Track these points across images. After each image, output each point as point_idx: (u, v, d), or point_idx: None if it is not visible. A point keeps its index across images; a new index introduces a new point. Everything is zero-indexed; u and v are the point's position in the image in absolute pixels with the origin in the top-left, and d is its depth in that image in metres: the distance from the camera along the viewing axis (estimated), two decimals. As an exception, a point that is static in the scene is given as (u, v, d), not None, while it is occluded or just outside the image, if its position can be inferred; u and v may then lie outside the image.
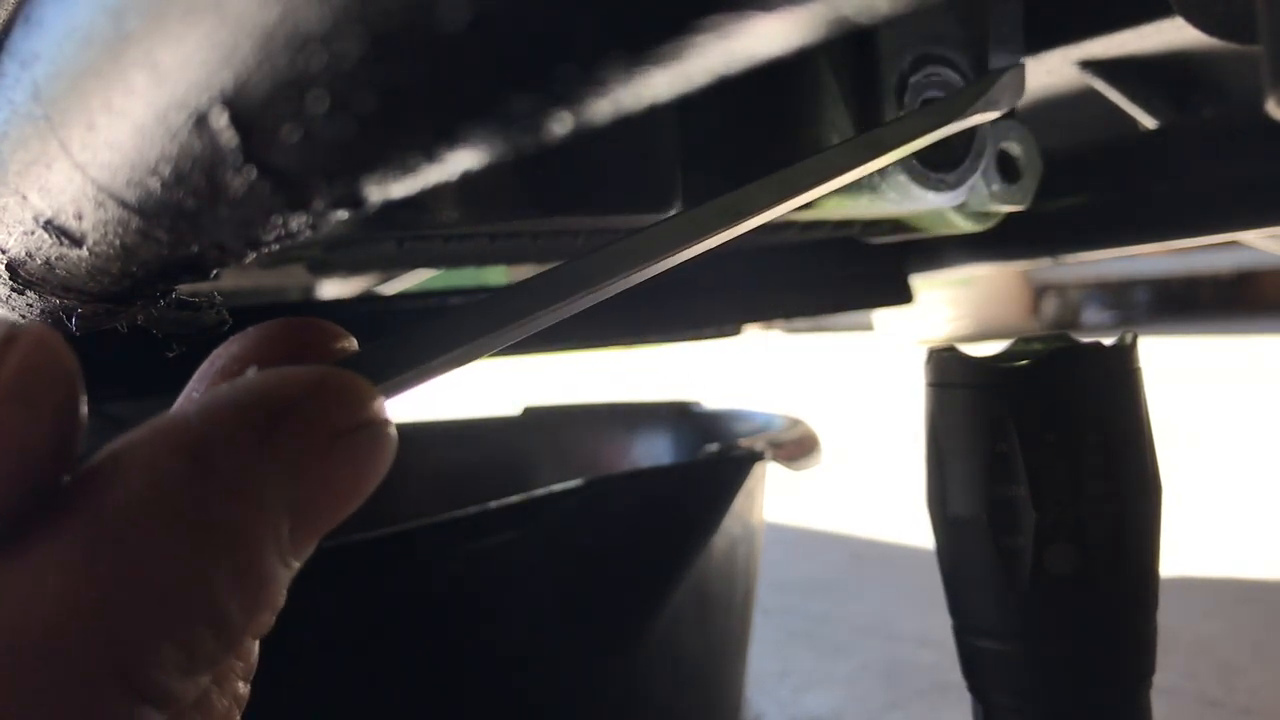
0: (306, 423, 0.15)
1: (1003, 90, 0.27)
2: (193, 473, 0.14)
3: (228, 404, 0.14)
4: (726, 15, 0.10)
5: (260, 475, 0.14)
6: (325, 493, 0.15)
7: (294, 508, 0.15)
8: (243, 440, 0.14)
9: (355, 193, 0.14)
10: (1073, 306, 3.42)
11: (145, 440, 0.14)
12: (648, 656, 0.53)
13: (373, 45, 0.11)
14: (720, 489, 0.53)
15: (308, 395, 0.15)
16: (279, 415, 0.14)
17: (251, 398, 0.15)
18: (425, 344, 0.18)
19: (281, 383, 0.15)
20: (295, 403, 0.15)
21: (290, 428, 0.14)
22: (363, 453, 0.15)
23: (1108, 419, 0.31)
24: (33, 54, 0.15)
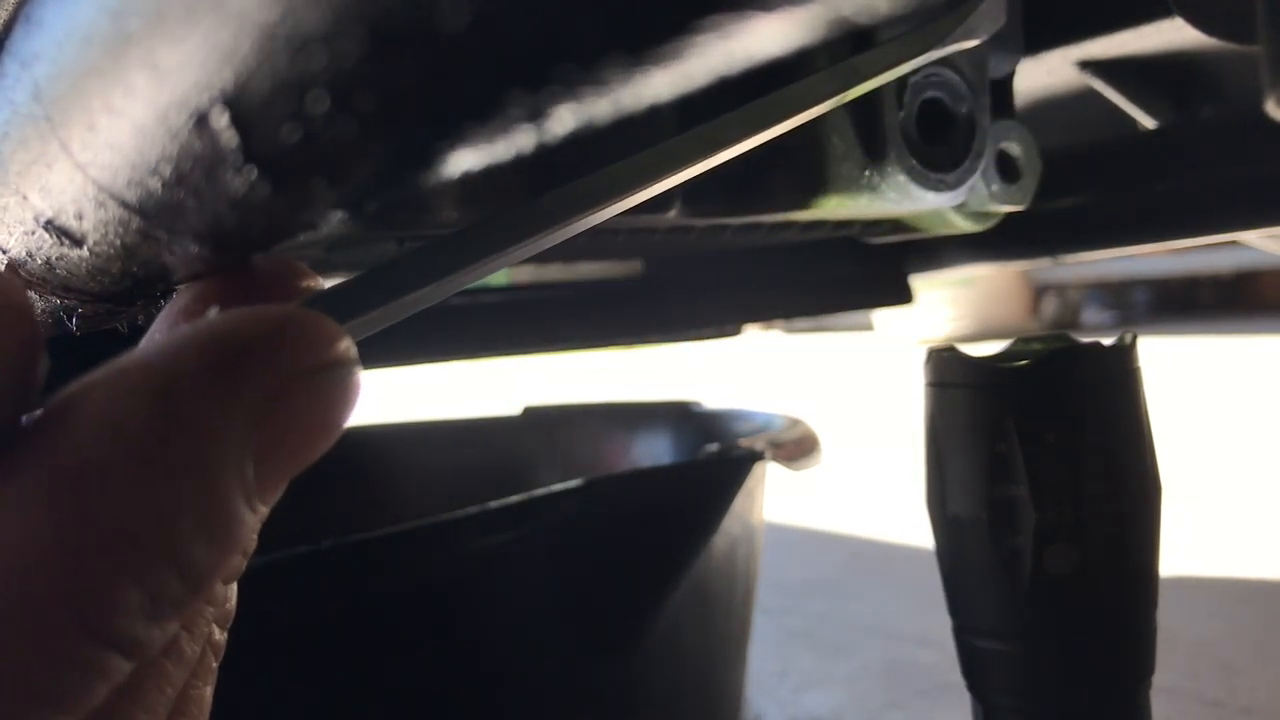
0: (269, 362, 0.14)
1: (982, 17, 0.26)
2: (154, 412, 0.13)
3: (188, 343, 0.14)
4: (726, 15, 0.10)
5: (223, 415, 0.14)
6: (290, 433, 0.15)
7: (258, 448, 0.14)
8: (204, 379, 0.14)
9: (356, 192, 0.14)
10: (1072, 306, 3.42)
11: (105, 381, 0.14)
12: (648, 656, 0.53)
13: (373, 45, 0.11)
14: (720, 489, 0.53)
15: (270, 334, 0.14)
16: (241, 354, 0.14)
17: (212, 337, 0.14)
18: (393, 281, 0.17)
19: (243, 322, 0.14)
20: (257, 342, 0.14)
21: (252, 367, 0.14)
22: (327, 393, 0.15)
23: (1107, 419, 0.31)
24: (33, 54, 0.15)
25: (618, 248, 0.38)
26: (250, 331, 0.14)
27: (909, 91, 0.31)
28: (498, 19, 0.10)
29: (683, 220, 0.34)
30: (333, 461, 0.57)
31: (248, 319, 0.14)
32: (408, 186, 0.14)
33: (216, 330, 0.14)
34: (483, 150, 0.12)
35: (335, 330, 0.15)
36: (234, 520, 0.14)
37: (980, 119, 0.32)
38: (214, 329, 0.14)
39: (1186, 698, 0.66)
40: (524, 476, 0.82)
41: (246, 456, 0.14)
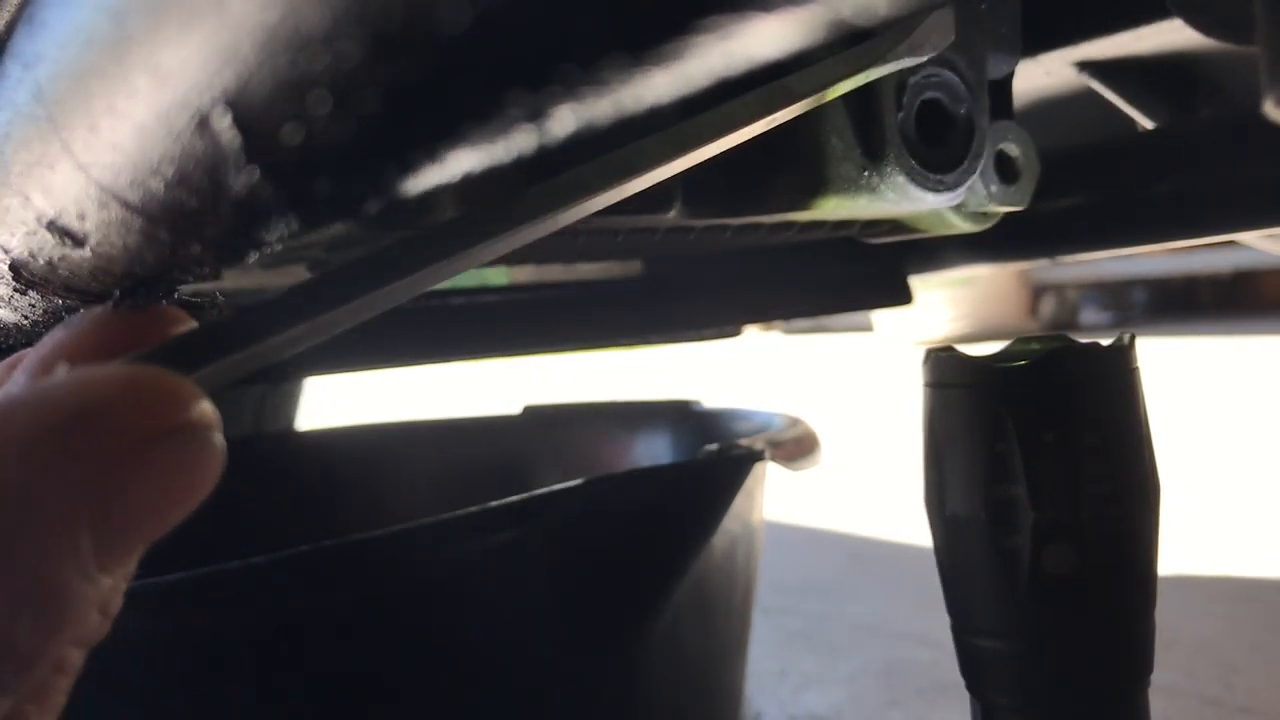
0: (109, 428, 0.13)
1: (928, 33, 0.25)
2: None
3: (22, 406, 0.13)
4: (726, 16, 0.10)
5: (52, 487, 0.13)
6: (135, 503, 0.14)
7: (95, 520, 0.13)
8: (35, 449, 0.13)
9: (357, 193, 0.14)
10: (1071, 307, 3.42)
11: None
12: (647, 656, 0.53)
13: (374, 46, 0.11)
14: (720, 489, 0.53)
15: (113, 398, 0.14)
16: (78, 420, 0.13)
17: (49, 400, 0.13)
18: (257, 325, 0.16)
19: (85, 384, 0.14)
20: (97, 406, 0.13)
21: (89, 434, 0.13)
22: (177, 460, 0.14)
23: (1106, 419, 0.31)
24: (35, 55, 0.15)
25: (618, 248, 0.38)
26: (91, 395, 0.14)
27: (908, 92, 0.31)
28: (498, 20, 0.10)
29: (683, 220, 0.34)
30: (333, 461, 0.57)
31: (90, 380, 0.14)
32: (409, 187, 0.14)
33: (54, 392, 0.14)
34: (483, 150, 0.13)
35: (188, 392, 0.14)
36: (65, 596, 0.13)
37: (979, 120, 0.32)
38: (51, 391, 0.14)
39: (1185, 696, 0.66)
40: (524, 476, 0.82)
41: (79, 530, 0.13)
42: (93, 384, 0.14)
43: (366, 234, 0.29)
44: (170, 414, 0.14)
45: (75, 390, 0.14)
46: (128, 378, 0.14)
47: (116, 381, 0.14)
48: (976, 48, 0.32)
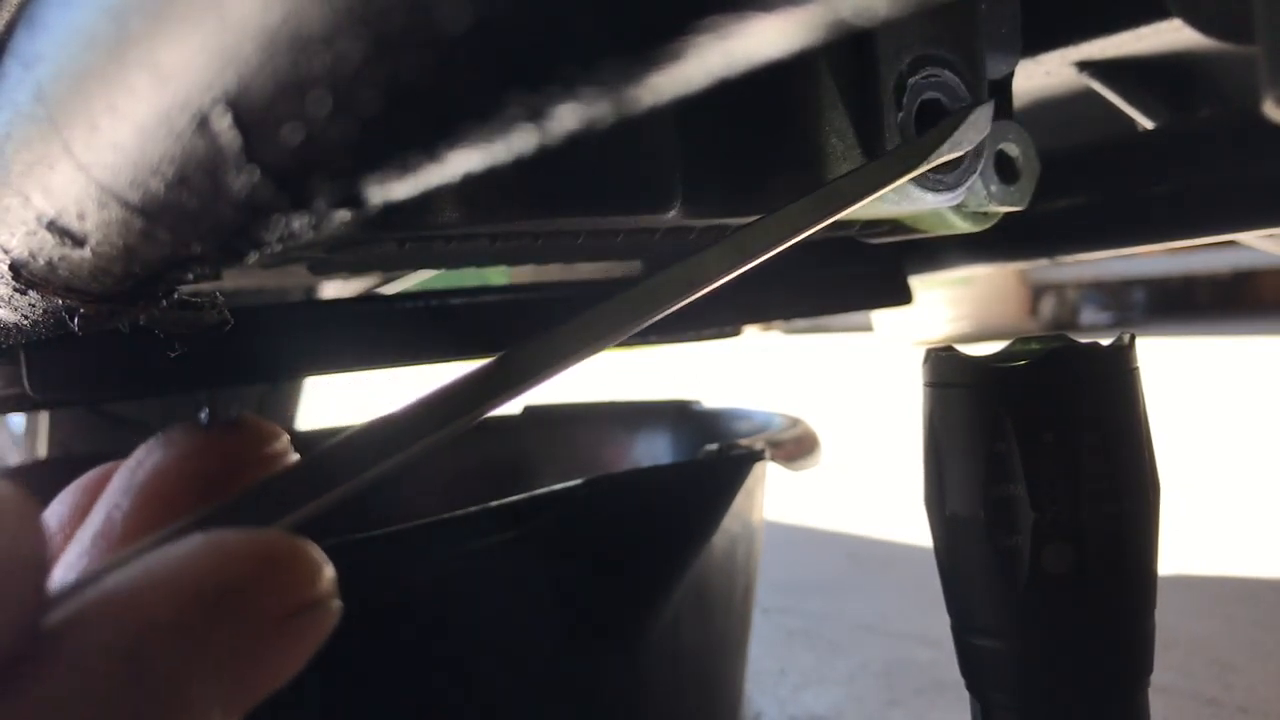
0: (249, 608, 0.14)
1: (968, 129, 0.27)
2: (124, 676, 0.13)
3: (164, 588, 0.13)
4: (726, 16, 0.10)
5: (195, 669, 0.13)
6: (262, 674, 0.14)
7: (230, 695, 0.14)
8: (177, 634, 0.13)
9: (357, 193, 0.14)
10: (1070, 307, 3.42)
11: (83, 630, 0.13)
12: (647, 655, 0.53)
13: (374, 46, 0.11)
14: (720, 489, 0.53)
15: (252, 577, 0.14)
16: (220, 602, 0.14)
17: (190, 581, 0.14)
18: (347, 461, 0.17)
19: (225, 556, 0.14)
20: (238, 583, 0.14)
21: (231, 615, 0.14)
22: (310, 632, 0.15)
23: (1106, 419, 0.31)
24: (36, 55, 0.16)
25: (618, 248, 0.38)
26: (230, 574, 0.14)
27: (908, 93, 0.31)
28: (498, 20, 0.10)
29: (683, 220, 0.34)
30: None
31: (226, 559, 0.14)
32: (408, 187, 0.14)
33: (192, 574, 0.14)
34: (483, 151, 0.13)
35: (317, 563, 0.15)
36: None
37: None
38: (188, 572, 0.14)
39: (1183, 696, 0.67)
40: (524, 476, 0.82)
41: (214, 706, 0.14)
42: (232, 556, 0.14)
43: (367, 235, 0.29)
44: (306, 589, 0.14)
45: (216, 564, 0.14)
46: (266, 551, 0.14)
47: (256, 555, 0.14)
48: (976, 47, 0.32)
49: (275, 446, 0.17)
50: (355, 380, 2.88)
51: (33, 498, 0.13)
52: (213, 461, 0.17)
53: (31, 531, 0.13)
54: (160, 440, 0.17)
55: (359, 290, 0.87)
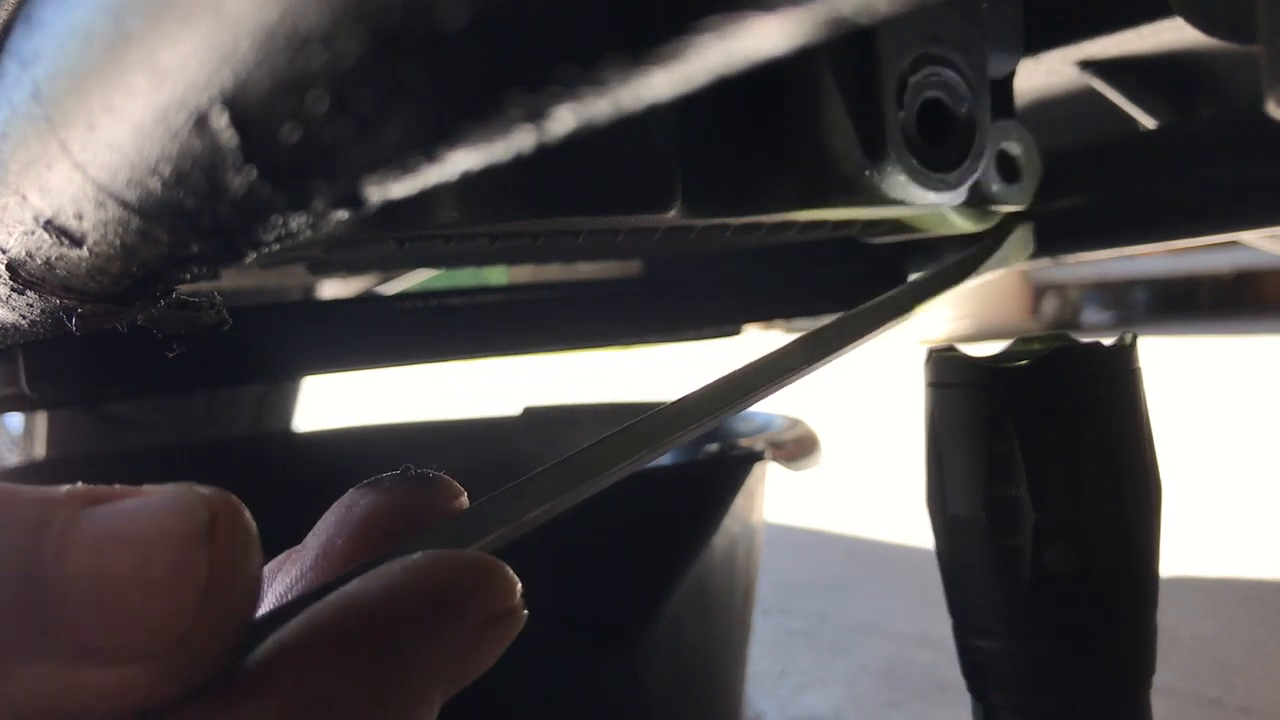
0: (472, 610, 0.17)
1: (1013, 246, 0.30)
2: (380, 655, 0.16)
3: (408, 590, 0.16)
4: (726, 15, 0.10)
5: (432, 657, 0.16)
6: (471, 666, 0.17)
7: (447, 681, 0.17)
8: (422, 629, 0.16)
9: (356, 193, 0.14)
10: (1072, 306, 3.42)
11: (341, 618, 0.16)
12: (647, 656, 0.53)
13: (373, 45, 0.11)
14: (720, 489, 0.53)
15: (475, 585, 0.17)
16: (453, 604, 0.17)
17: (429, 585, 0.17)
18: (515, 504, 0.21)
19: (453, 572, 0.17)
20: (465, 591, 0.17)
21: (460, 615, 0.17)
22: (506, 633, 0.17)
23: (1107, 419, 0.31)
24: (33, 54, 0.15)
25: (618, 248, 0.38)
26: (458, 581, 0.17)
27: (909, 92, 0.31)
28: (497, 19, 0.10)
29: (683, 220, 0.34)
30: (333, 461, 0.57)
31: (454, 569, 0.17)
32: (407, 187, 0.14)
33: (430, 579, 0.17)
34: (482, 150, 0.12)
35: (514, 580, 0.18)
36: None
37: (980, 119, 0.32)
38: (427, 578, 0.17)
39: (1185, 697, 0.66)
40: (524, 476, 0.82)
41: (439, 691, 0.17)
42: (458, 568, 0.17)
43: (365, 234, 0.29)
44: (510, 598, 0.17)
45: (447, 574, 0.17)
46: (481, 565, 0.17)
47: (475, 568, 0.17)
48: (978, 47, 0.32)
49: (461, 500, 0.21)
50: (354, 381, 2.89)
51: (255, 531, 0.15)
52: (415, 505, 0.20)
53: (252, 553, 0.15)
54: (371, 485, 0.20)
55: (358, 290, 0.87)
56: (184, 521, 0.14)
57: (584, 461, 0.22)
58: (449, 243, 0.32)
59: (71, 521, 0.14)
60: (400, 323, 0.47)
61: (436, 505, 0.20)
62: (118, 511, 0.14)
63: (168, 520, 0.14)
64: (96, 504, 0.14)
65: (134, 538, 0.14)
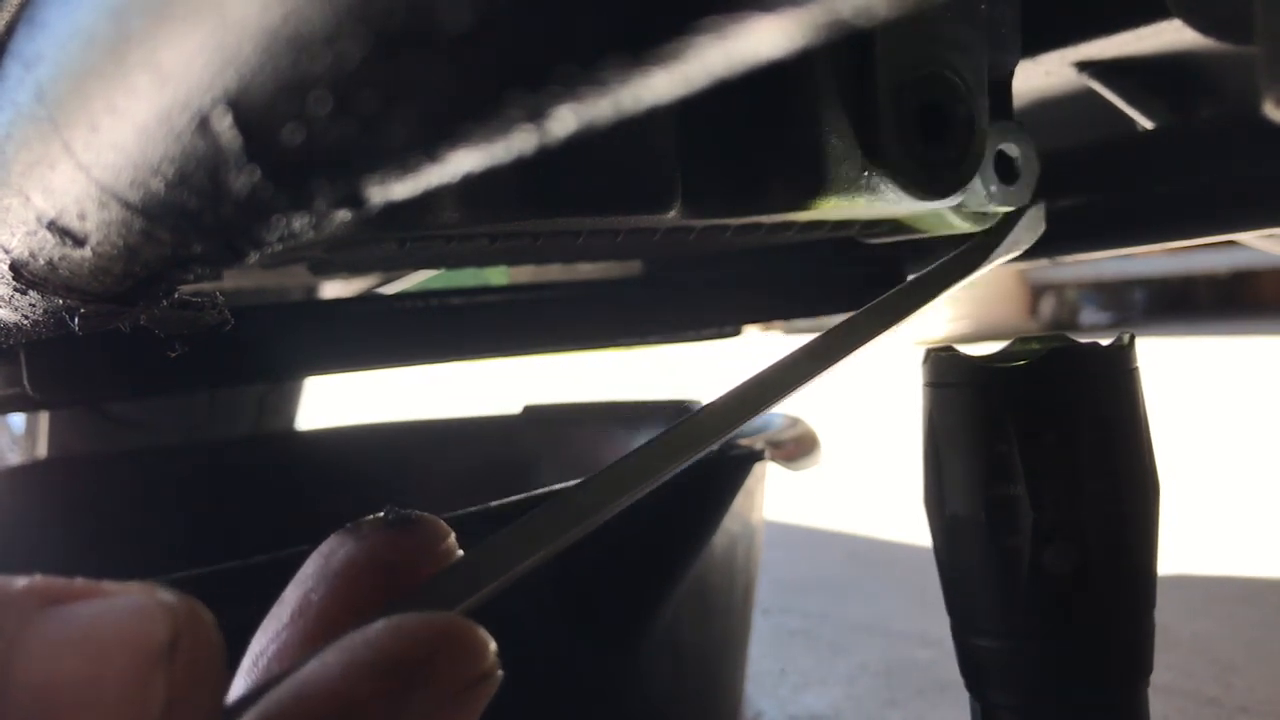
0: (435, 680, 0.16)
1: (1024, 230, 0.29)
2: None
3: (366, 666, 0.16)
4: (725, 16, 0.10)
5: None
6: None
7: None
8: (383, 707, 0.15)
9: (358, 193, 0.14)
10: (1070, 307, 3.42)
11: (295, 708, 0.15)
12: (647, 655, 0.53)
13: (375, 46, 0.11)
14: (720, 488, 0.53)
15: (439, 651, 0.16)
16: (415, 676, 0.16)
17: (387, 660, 0.16)
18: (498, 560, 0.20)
19: (413, 642, 0.16)
20: (429, 660, 0.16)
21: (420, 687, 0.16)
22: (479, 698, 0.17)
23: (1105, 418, 0.31)
24: (36, 55, 0.16)
25: (618, 248, 0.38)
26: (421, 650, 0.16)
27: (908, 93, 0.31)
28: (499, 20, 0.10)
29: (683, 220, 0.34)
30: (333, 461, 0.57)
31: (414, 639, 0.16)
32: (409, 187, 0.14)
33: (388, 653, 0.16)
34: (483, 151, 0.13)
35: (486, 642, 0.17)
36: None
37: (979, 120, 0.32)
38: (385, 651, 0.16)
39: (1183, 696, 0.67)
40: (524, 476, 0.82)
41: None
42: (419, 636, 0.16)
43: (367, 235, 0.29)
44: (480, 662, 0.17)
45: (411, 644, 0.16)
46: (446, 629, 0.16)
47: (438, 633, 0.16)
48: (976, 48, 0.32)
49: (448, 543, 0.20)
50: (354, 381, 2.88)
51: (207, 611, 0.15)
52: (397, 554, 0.19)
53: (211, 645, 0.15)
54: (349, 533, 0.19)
55: (359, 290, 0.87)
56: (145, 636, 0.13)
57: (581, 499, 0.21)
58: (450, 243, 0.32)
59: (26, 623, 0.13)
60: (401, 323, 0.47)
61: (420, 551, 0.20)
62: (76, 618, 0.13)
63: (127, 632, 0.13)
64: (55, 603, 0.14)
65: (91, 652, 0.13)
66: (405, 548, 0.19)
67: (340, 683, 0.16)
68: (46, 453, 1.01)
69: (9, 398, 0.37)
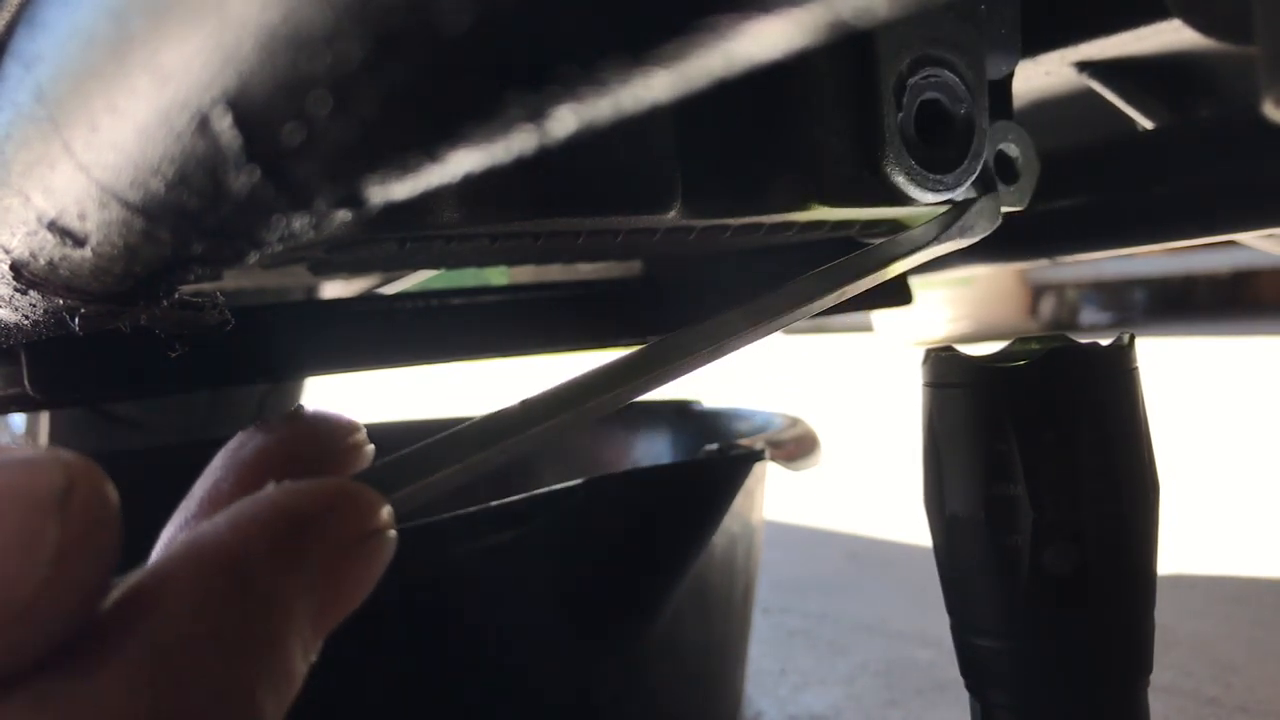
0: (327, 533, 0.16)
1: (976, 218, 0.29)
2: (233, 591, 0.15)
3: (255, 521, 0.16)
4: (726, 16, 0.10)
5: (290, 586, 0.16)
6: (340, 593, 0.17)
7: (315, 610, 0.16)
8: (274, 556, 0.16)
9: (358, 193, 0.14)
10: (1070, 307, 3.42)
11: (187, 560, 0.15)
12: (647, 655, 0.53)
13: (375, 46, 0.11)
14: (720, 488, 0.53)
15: (326, 508, 0.16)
16: (303, 529, 0.16)
17: (278, 514, 0.16)
18: (430, 459, 0.20)
19: (303, 498, 0.16)
20: (316, 516, 0.16)
21: (313, 539, 0.16)
22: (372, 556, 0.17)
23: (1105, 418, 0.31)
24: (36, 55, 0.16)
25: (618, 248, 0.38)
26: (310, 507, 0.16)
27: (908, 93, 0.31)
28: (498, 20, 0.10)
29: (682, 220, 0.34)
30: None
31: (306, 494, 0.16)
32: (409, 187, 0.14)
33: (280, 506, 0.16)
34: (483, 151, 0.13)
35: (378, 500, 0.17)
36: (296, 678, 0.16)
37: (979, 120, 0.32)
38: (276, 505, 0.16)
39: (1183, 696, 0.67)
40: (524, 476, 0.82)
41: (306, 619, 0.16)
42: (309, 497, 0.16)
43: (367, 235, 0.29)
44: (372, 517, 0.17)
45: (300, 501, 0.16)
46: (336, 489, 0.17)
47: (328, 494, 0.17)
48: (976, 48, 0.32)
49: (357, 437, 0.20)
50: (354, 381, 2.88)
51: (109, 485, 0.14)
52: (307, 445, 0.19)
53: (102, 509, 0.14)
54: (261, 425, 0.20)
55: (359, 290, 0.87)
56: (37, 486, 0.13)
57: (504, 422, 0.21)
58: (450, 243, 0.32)
59: None
60: (401, 323, 0.47)
61: (330, 443, 0.20)
62: None
63: (19, 482, 0.13)
64: None
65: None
66: (313, 438, 0.20)
67: (229, 534, 0.16)
68: (46, 453, 1.00)
69: (9, 398, 0.37)
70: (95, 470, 0.14)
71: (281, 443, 0.19)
